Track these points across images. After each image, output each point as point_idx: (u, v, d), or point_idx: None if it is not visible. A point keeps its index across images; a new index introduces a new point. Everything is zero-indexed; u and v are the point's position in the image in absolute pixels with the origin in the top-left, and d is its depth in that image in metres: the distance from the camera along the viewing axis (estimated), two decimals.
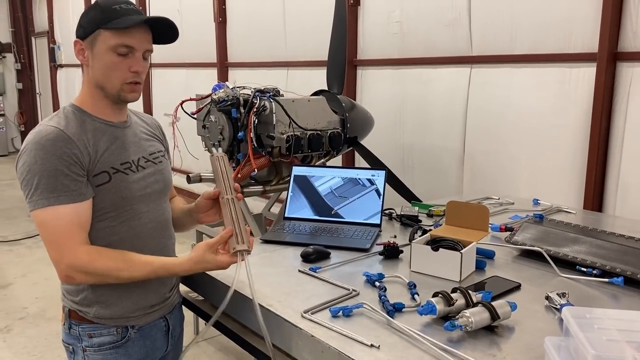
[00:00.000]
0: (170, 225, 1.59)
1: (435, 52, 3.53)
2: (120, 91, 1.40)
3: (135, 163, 1.46)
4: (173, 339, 1.61)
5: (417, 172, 3.72)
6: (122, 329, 1.47)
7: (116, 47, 1.35)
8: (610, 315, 1.03)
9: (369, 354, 1.16)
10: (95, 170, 1.37)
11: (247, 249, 1.32)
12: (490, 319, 1.24)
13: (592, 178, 2.79)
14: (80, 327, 1.45)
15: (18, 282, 4.32)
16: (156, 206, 1.51)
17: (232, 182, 1.46)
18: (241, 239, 1.33)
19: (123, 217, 1.42)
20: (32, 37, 10.36)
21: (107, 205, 1.39)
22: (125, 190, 1.41)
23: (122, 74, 1.38)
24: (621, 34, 2.68)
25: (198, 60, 5.69)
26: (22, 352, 3.24)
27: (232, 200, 1.42)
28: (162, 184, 1.54)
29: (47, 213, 1.30)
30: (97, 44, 1.36)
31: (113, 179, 1.39)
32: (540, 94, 3.01)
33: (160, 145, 1.61)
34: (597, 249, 1.68)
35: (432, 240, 1.69)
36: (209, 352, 3.22)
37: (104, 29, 1.35)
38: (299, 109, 2.88)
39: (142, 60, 1.40)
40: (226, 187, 1.45)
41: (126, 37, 1.35)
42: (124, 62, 1.37)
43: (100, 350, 1.45)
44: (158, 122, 1.68)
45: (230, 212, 1.39)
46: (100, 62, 1.37)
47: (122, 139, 1.46)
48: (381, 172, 2.14)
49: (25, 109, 10.63)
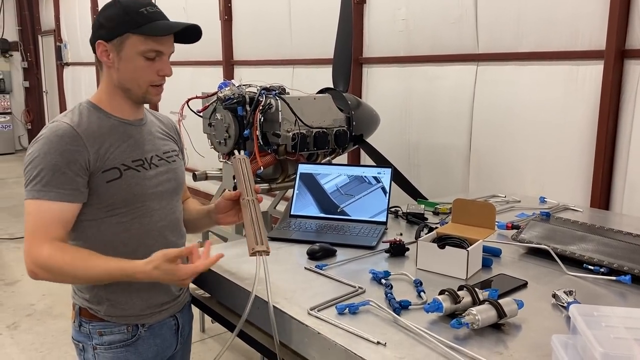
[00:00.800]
0: (182, 224, 1.60)
1: (441, 49, 3.52)
2: (146, 93, 1.43)
3: (148, 161, 1.47)
4: (182, 337, 1.62)
5: (423, 169, 3.71)
6: (133, 327, 1.47)
7: (146, 52, 1.37)
8: (618, 313, 1.02)
9: (375, 351, 1.16)
10: (106, 166, 1.38)
11: (266, 250, 1.32)
12: (497, 317, 1.23)
13: (599, 176, 2.77)
14: (91, 325, 1.46)
15: (25, 279, 4.32)
16: (168, 204, 1.51)
17: (253, 184, 1.48)
18: (260, 240, 1.34)
19: (134, 213, 1.43)
20: (39, 35, 10.40)
21: (118, 201, 1.40)
22: (137, 187, 1.42)
23: (150, 77, 1.40)
24: (629, 31, 2.66)
25: (204, 59, 5.70)
26: (30, 349, 3.27)
27: (252, 202, 1.44)
28: (175, 183, 1.54)
29: (34, 205, 1.32)
30: (125, 48, 1.37)
31: (124, 175, 1.40)
32: (547, 92, 3.00)
33: (174, 145, 1.62)
34: (604, 247, 1.67)
35: (438, 238, 1.68)
36: (215, 349, 3.23)
37: (133, 33, 1.35)
38: (304, 107, 2.88)
39: (169, 63, 1.43)
40: (247, 189, 1.47)
41: (157, 44, 1.38)
42: (153, 66, 1.40)
43: (111, 348, 1.46)
44: (174, 123, 1.69)
45: (250, 213, 1.41)
46: (129, 66, 1.38)
47: (136, 137, 1.47)
48: (387, 169, 2.14)
49: (32, 107, 10.68)
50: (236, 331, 1.28)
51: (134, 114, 1.49)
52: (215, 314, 1.67)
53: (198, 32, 1.46)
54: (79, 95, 8.43)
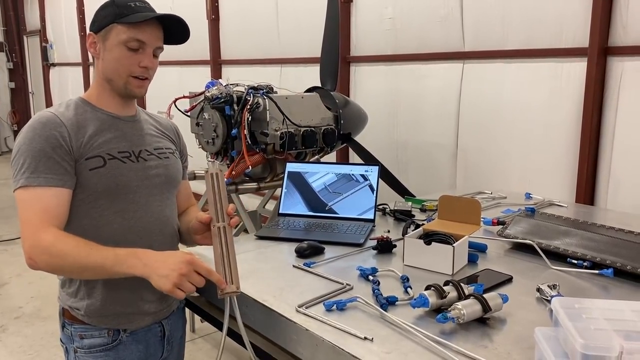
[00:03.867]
0: (173, 224, 1.54)
1: (428, 48, 3.54)
2: (127, 84, 1.41)
3: (135, 154, 1.45)
4: (170, 345, 1.56)
5: (410, 167, 3.73)
6: (114, 332, 1.43)
7: (128, 41, 1.37)
8: (599, 305, 1.04)
9: (362, 347, 1.17)
10: (89, 154, 1.36)
11: (236, 291, 1.24)
12: (482, 311, 1.25)
13: (584, 172, 2.81)
14: (73, 327, 1.44)
15: (13, 281, 4.31)
16: (155, 201, 1.47)
17: (227, 205, 1.35)
18: (230, 279, 1.23)
19: (117, 206, 1.40)
20: (24, 36, 10.30)
21: (101, 191, 1.37)
22: (121, 177, 1.39)
23: (131, 67, 1.39)
24: (611, 29, 2.70)
25: (191, 58, 5.69)
26: (18, 352, 3.24)
27: (223, 229, 1.30)
28: (165, 178, 1.50)
29: (25, 194, 1.31)
30: (109, 38, 1.39)
31: (108, 164, 1.38)
32: (532, 89, 3.03)
33: (170, 143, 1.58)
34: (587, 241, 1.70)
35: (424, 234, 1.70)
36: (205, 349, 3.23)
37: (117, 23, 1.37)
38: (292, 106, 2.89)
39: (152, 57, 1.42)
40: (218, 213, 1.32)
41: (138, 32, 1.37)
42: (134, 57, 1.39)
43: (91, 352, 1.43)
44: (175, 126, 1.66)
45: (221, 245, 1.28)
46: (111, 55, 1.39)
47: (125, 130, 1.46)
48: (375, 167, 2.16)
49: (18, 109, 10.57)
50: (223, 336, 1.28)
51: (124, 110, 1.48)
52: (204, 313, 1.68)
53: (185, 28, 1.46)
54: (66, 96, 8.37)
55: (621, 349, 0.88)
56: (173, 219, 1.55)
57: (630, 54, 2.64)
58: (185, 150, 1.68)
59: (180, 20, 1.45)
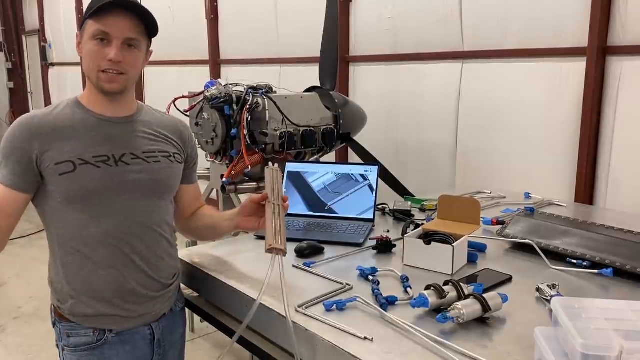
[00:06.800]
0: (165, 227, 1.49)
1: (427, 47, 3.54)
2: (98, 80, 1.38)
3: (116, 158, 1.40)
4: (161, 348, 1.52)
5: (410, 167, 3.73)
6: (99, 332, 1.41)
7: (94, 34, 1.35)
8: (598, 305, 1.04)
9: (362, 347, 1.17)
10: (59, 159, 1.35)
11: (283, 249, 1.32)
12: (482, 311, 1.25)
13: (583, 171, 2.81)
14: (61, 325, 1.43)
15: (12, 281, 4.31)
16: (140, 206, 1.42)
17: (282, 194, 1.49)
18: (279, 239, 1.34)
19: (93, 211, 1.37)
20: (23, 35, 10.27)
21: (73, 196, 1.35)
22: (92, 183, 1.35)
23: (98, 61, 1.36)
24: (610, 28, 2.71)
25: (190, 58, 5.68)
26: (17, 352, 3.24)
27: (279, 206, 1.44)
28: (150, 183, 1.43)
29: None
30: (84, 34, 1.39)
31: (78, 169, 1.35)
32: (532, 89, 3.03)
33: (168, 146, 1.51)
34: (587, 241, 1.70)
35: (424, 234, 1.70)
36: (205, 348, 3.23)
37: (88, 18, 1.37)
38: (291, 106, 2.89)
39: (121, 49, 1.35)
40: (275, 195, 1.47)
41: (101, 24, 1.34)
42: (102, 50, 1.35)
43: (76, 350, 1.41)
44: (182, 128, 1.58)
45: (274, 214, 1.41)
46: (84, 51, 1.39)
47: (108, 134, 1.41)
48: (374, 167, 2.16)
49: (16, 108, 10.54)
50: (235, 337, 1.30)
51: (114, 110, 1.44)
52: (204, 313, 1.68)
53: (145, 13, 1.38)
54: (65, 96, 8.23)
55: (621, 349, 0.88)
56: (165, 222, 1.50)
57: (629, 54, 2.65)
58: (193, 153, 1.62)
59: (139, 7, 1.36)
